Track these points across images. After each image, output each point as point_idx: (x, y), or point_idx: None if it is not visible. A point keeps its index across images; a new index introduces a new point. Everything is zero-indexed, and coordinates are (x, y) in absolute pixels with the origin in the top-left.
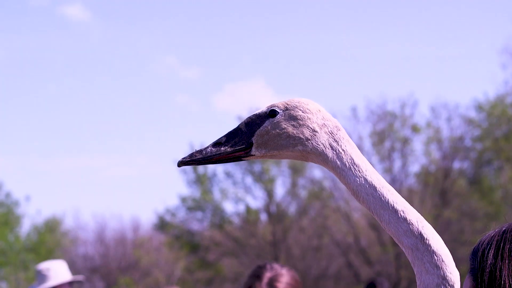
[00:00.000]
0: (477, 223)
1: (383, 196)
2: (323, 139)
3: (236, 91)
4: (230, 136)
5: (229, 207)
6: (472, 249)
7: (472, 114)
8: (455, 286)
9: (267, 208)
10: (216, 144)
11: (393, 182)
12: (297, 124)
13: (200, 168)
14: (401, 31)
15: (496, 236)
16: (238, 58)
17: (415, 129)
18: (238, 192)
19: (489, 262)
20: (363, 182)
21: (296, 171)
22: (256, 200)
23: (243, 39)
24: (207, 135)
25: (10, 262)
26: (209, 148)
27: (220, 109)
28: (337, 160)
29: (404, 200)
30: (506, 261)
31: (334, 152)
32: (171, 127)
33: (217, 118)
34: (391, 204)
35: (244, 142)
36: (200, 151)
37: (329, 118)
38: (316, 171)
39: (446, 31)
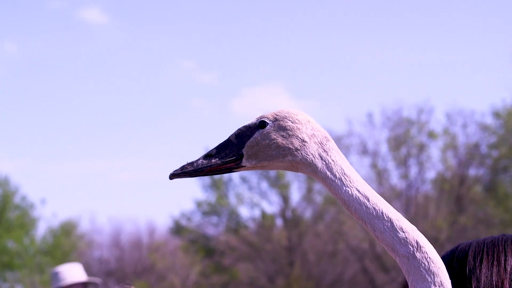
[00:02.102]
0: (492, 230)
1: (377, 206)
2: (312, 150)
3: (254, 96)
4: (221, 148)
5: (244, 212)
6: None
7: (488, 120)
8: None
9: (282, 213)
10: (207, 156)
11: (409, 188)
12: (287, 135)
13: None
14: (417, 37)
15: (484, 246)
16: (256, 62)
17: (432, 135)
18: (254, 197)
19: (483, 271)
20: (355, 193)
21: (311, 177)
22: (271, 205)
23: (261, 44)
24: (223, 140)
25: (25, 265)
26: (200, 160)
27: (237, 114)
28: (326, 171)
29: (394, 209)
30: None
31: (324, 163)
32: (187, 131)
33: (234, 123)
34: (385, 214)
35: (234, 153)
36: (191, 164)
37: (319, 129)
38: None
39: (462, 37)
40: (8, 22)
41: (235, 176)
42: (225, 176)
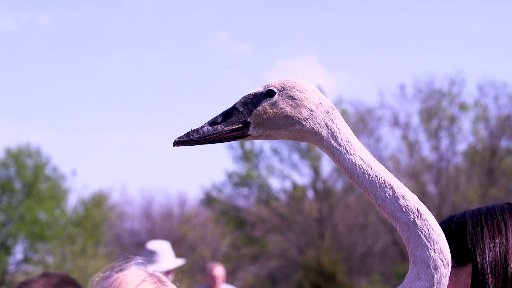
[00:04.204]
0: None
1: (379, 174)
2: (319, 119)
3: (288, 68)
4: (227, 115)
5: (275, 183)
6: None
7: None
8: (449, 260)
9: (313, 185)
10: (213, 123)
11: (440, 160)
12: (295, 104)
13: (247, 144)
14: (449, 8)
15: (481, 216)
16: (290, 34)
17: (463, 107)
18: (285, 168)
19: (486, 242)
20: (358, 161)
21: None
22: (302, 177)
23: (295, 15)
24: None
25: (56, 236)
26: (206, 127)
27: None
28: (331, 139)
29: (395, 178)
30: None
31: (329, 131)
32: (220, 103)
33: None
34: (387, 182)
35: (241, 121)
36: (197, 130)
37: (324, 98)
38: None
39: (495, 8)
40: None
41: (266, 147)
42: (256, 147)
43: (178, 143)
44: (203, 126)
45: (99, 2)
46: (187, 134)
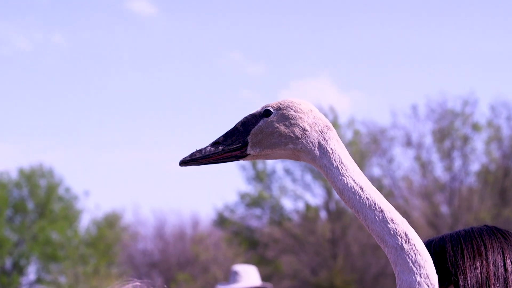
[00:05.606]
0: None
1: (370, 196)
2: (312, 138)
3: (302, 88)
4: (228, 136)
5: (288, 204)
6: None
7: None
8: (436, 285)
9: (326, 206)
10: (215, 143)
11: (453, 180)
12: (289, 123)
13: (260, 165)
14: (461, 28)
15: (460, 238)
16: (305, 54)
17: (476, 127)
18: (297, 189)
19: (467, 264)
20: (350, 182)
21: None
22: (315, 197)
23: (308, 36)
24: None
25: (68, 256)
26: (208, 147)
27: None
28: (324, 159)
29: (387, 201)
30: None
31: (322, 151)
32: (234, 123)
33: None
34: (378, 204)
35: (240, 140)
36: (200, 151)
37: (320, 118)
38: (375, 169)
39: (507, 28)
40: (56, 13)
41: (279, 168)
42: (269, 168)
43: (183, 163)
44: (206, 147)
45: (112, 21)
46: (191, 154)
